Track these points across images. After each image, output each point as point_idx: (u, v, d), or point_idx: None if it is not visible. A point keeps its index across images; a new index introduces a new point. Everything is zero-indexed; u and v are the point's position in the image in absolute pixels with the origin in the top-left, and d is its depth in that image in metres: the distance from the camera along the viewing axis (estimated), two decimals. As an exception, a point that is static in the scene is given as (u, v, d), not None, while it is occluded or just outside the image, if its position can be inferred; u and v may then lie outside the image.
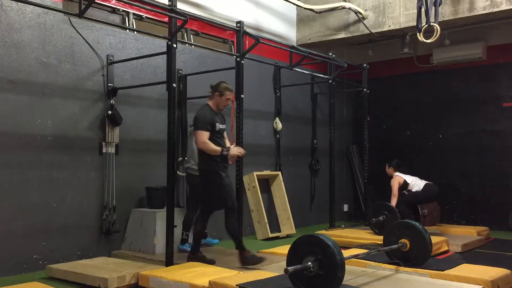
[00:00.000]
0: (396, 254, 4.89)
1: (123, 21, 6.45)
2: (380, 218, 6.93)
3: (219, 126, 5.12)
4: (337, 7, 8.39)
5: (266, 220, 7.45)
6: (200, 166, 5.21)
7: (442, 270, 4.66)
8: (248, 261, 5.05)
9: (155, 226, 5.79)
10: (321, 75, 8.30)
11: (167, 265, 5.07)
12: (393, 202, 7.18)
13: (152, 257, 5.51)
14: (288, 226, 7.97)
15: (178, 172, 6.46)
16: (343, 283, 3.75)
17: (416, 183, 7.41)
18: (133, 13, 6.48)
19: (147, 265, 5.12)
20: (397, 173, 7.53)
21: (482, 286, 4.18)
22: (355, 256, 4.95)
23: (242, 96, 5.99)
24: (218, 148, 4.99)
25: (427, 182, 7.41)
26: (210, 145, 4.99)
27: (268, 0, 8.45)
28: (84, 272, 4.77)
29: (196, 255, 5.26)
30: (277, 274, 4.39)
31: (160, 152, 6.00)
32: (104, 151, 5.91)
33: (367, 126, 8.65)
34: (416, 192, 7.33)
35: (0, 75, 5.10)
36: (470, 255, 6.34)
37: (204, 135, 4.99)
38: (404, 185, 7.42)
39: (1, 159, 5.07)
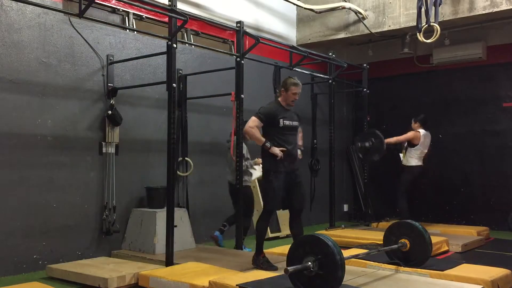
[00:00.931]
0: (396, 254, 4.90)
1: (123, 21, 6.45)
2: (366, 144, 7.27)
3: (284, 122, 4.85)
4: (337, 7, 8.40)
5: (266, 220, 7.43)
6: (263, 165, 4.99)
7: (442, 270, 4.66)
8: (260, 264, 4.88)
9: (155, 226, 5.79)
10: (321, 75, 8.30)
11: (167, 265, 5.07)
12: (393, 140, 7.46)
13: (152, 257, 5.50)
14: (288, 226, 7.94)
15: (178, 172, 6.46)
16: (343, 283, 3.75)
17: (415, 155, 7.50)
18: (133, 13, 6.49)
19: (147, 265, 5.12)
20: (420, 130, 7.54)
21: (482, 286, 4.19)
22: (355, 256, 4.95)
23: (242, 96, 5.98)
24: (262, 139, 4.78)
25: (420, 164, 7.53)
26: (254, 132, 4.79)
27: (268, 0, 8.45)
28: (84, 272, 4.77)
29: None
30: (277, 274, 4.40)
31: (160, 152, 6.01)
32: (104, 151, 5.91)
33: (367, 126, 8.65)
34: (405, 175, 7.55)
35: (0, 75, 5.10)
36: (470, 255, 6.34)
37: (253, 122, 4.81)
38: (413, 143, 7.49)
39: (1, 159, 5.07)
